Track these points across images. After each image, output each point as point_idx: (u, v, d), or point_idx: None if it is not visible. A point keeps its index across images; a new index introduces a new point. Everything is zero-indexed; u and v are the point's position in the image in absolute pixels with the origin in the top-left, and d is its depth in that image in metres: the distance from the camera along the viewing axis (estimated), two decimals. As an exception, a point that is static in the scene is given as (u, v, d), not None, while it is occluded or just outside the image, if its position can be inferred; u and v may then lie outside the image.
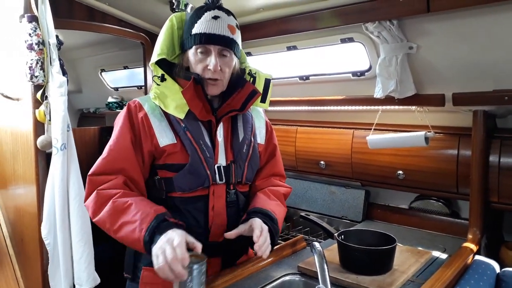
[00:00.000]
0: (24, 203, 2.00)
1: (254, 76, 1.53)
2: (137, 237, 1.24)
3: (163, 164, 1.43)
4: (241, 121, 1.56)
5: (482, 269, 1.61)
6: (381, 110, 2.11)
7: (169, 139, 1.41)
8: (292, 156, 2.66)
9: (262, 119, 1.70)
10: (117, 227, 1.29)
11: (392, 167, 2.21)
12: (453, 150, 2.01)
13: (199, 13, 1.42)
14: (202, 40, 1.38)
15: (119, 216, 1.29)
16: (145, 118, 1.42)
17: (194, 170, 1.40)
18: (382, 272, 1.51)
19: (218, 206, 1.46)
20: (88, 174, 1.39)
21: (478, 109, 1.86)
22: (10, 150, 2.08)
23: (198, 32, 1.39)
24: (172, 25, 1.49)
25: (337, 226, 2.44)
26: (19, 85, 1.89)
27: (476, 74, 1.71)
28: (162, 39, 1.47)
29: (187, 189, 1.42)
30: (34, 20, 1.69)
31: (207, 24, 1.39)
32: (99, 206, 1.33)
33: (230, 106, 1.49)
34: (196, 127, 1.44)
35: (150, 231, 1.22)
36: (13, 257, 2.16)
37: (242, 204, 1.54)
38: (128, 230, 1.27)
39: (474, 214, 1.90)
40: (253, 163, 1.56)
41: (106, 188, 1.34)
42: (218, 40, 1.39)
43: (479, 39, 1.59)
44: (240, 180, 1.51)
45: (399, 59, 1.77)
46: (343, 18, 1.79)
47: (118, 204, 1.30)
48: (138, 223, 1.25)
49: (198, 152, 1.41)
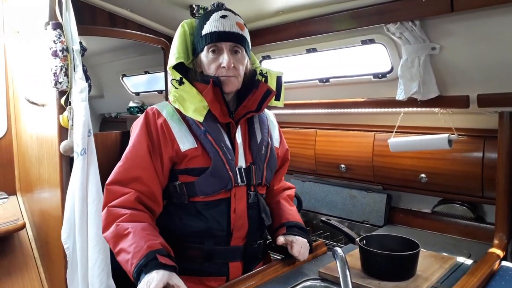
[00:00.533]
0: (49, 207, 2.04)
1: (266, 75, 1.54)
2: (129, 270, 1.27)
3: (184, 168, 1.44)
4: (258, 122, 1.59)
5: (509, 275, 1.56)
6: (403, 112, 2.08)
7: (190, 143, 1.43)
8: (311, 159, 2.64)
9: (274, 124, 1.73)
10: (117, 251, 1.33)
11: (414, 170, 2.17)
12: (478, 152, 1.96)
13: (207, 15, 1.46)
14: (213, 39, 1.41)
15: (119, 241, 1.32)
16: (164, 124, 1.44)
17: (217, 173, 1.42)
18: (405, 278, 1.48)
19: (239, 208, 1.47)
20: (106, 184, 1.43)
21: (504, 110, 1.81)
22: (36, 155, 2.13)
23: (209, 31, 1.42)
24: (184, 31, 1.52)
25: (358, 230, 2.41)
26: (44, 91, 1.93)
27: (502, 74, 1.67)
28: (177, 44, 1.50)
29: (210, 192, 1.43)
30: (58, 27, 1.72)
31: (216, 23, 1.42)
32: (106, 224, 1.37)
33: (246, 108, 1.51)
34: (216, 129, 1.45)
35: (137, 268, 1.24)
36: (38, 260, 2.21)
37: (262, 205, 1.55)
38: (123, 258, 1.30)
39: (500, 219, 1.85)
40: (271, 164, 1.58)
41: (116, 205, 1.37)
42: (228, 37, 1.41)
43: (504, 39, 1.55)
44: (260, 182, 1.53)
45: (422, 60, 1.74)
46: (364, 20, 1.77)
47: (119, 229, 1.33)
48: (131, 256, 1.27)
49: (220, 154, 1.42)
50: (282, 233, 1.60)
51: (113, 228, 1.34)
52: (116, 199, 1.39)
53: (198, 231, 1.46)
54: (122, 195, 1.39)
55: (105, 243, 1.80)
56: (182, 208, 1.46)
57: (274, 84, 1.55)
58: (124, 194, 1.39)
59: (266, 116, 1.67)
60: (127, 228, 1.32)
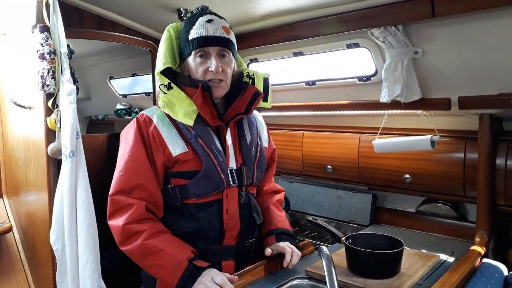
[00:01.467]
0: (36, 209, 2.03)
1: (253, 77, 1.56)
2: (170, 282, 1.35)
3: (176, 172, 1.46)
4: (247, 124, 1.60)
5: (489, 272, 1.61)
6: (387, 115, 2.12)
7: (181, 148, 1.44)
8: (299, 160, 2.67)
9: (262, 125, 1.75)
10: (147, 265, 1.40)
11: (399, 171, 2.22)
12: (460, 153, 2.02)
13: (192, 20, 1.46)
14: (201, 43, 1.42)
15: (150, 257, 1.38)
16: (155, 131, 1.45)
17: (209, 175, 1.44)
18: (389, 276, 1.52)
19: (231, 209, 1.49)
20: (109, 195, 1.44)
21: (484, 112, 1.87)
22: (22, 157, 2.12)
23: (195, 36, 1.43)
24: (170, 35, 1.52)
25: (345, 230, 2.44)
26: (31, 93, 1.92)
27: (482, 77, 1.72)
28: (163, 49, 1.50)
29: (202, 194, 1.45)
30: (46, 30, 1.72)
31: (203, 28, 1.43)
32: (125, 239, 1.40)
33: (235, 110, 1.53)
34: (206, 133, 1.47)
35: (183, 279, 1.33)
36: (25, 262, 2.19)
37: (253, 205, 1.57)
38: (159, 272, 1.38)
39: (481, 217, 1.90)
40: (261, 164, 1.61)
41: (130, 221, 1.40)
42: (215, 41, 1.43)
43: (484, 43, 1.60)
44: (251, 182, 1.56)
45: (405, 64, 1.78)
46: (349, 24, 1.81)
47: (148, 248, 1.37)
48: (171, 270, 1.34)
49: (212, 157, 1.44)
50: (271, 242, 1.62)
51: (139, 246, 1.38)
52: (121, 209, 1.42)
53: (191, 231, 1.48)
54: (129, 207, 1.41)
55: (95, 245, 1.80)
56: (175, 210, 1.47)
57: (261, 85, 1.58)
58: (130, 205, 1.41)
59: (255, 117, 1.69)
60: (156, 245, 1.38)
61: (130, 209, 1.40)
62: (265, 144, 1.70)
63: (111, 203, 1.44)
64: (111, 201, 1.44)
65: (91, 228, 1.78)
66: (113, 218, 1.44)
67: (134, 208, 1.40)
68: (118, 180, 1.44)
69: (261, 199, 1.73)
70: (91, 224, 1.78)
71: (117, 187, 1.44)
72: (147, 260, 1.38)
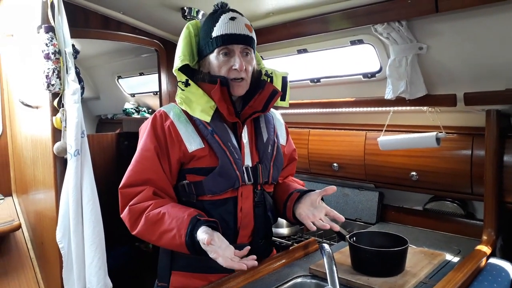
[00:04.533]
0: (44, 207, 2.06)
1: (271, 76, 1.55)
2: (179, 243, 1.32)
3: (191, 168, 1.46)
4: (264, 122, 1.59)
5: (496, 271, 1.59)
6: (392, 111, 2.11)
7: (197, 144, 1.44)
8: (305, 158, 2.66)
9: (281, 122, 1.74)
10: (157, 237, 1.37)
11: (405, 169, 2.19)
12: (467, 150, 1.99)
13: (215, 17, 1.45)
14: (225, 41, 1.41)
15: (156, 227, 1.36)
16: (171, 126, 1.45)
17: (224, 172, 1.43)
18: (393, 274, 1.50)
19: (246, 207, 1.49)
20: (119, 188, 1.44)
21: (491, 108, 1.84)
22: (30, 156, 2.15)
23: (219, 34, 1.41)
24: (189, 33, 1.51)
25: (351, 228, 2.43)
26: (37, 93, 1.95)
27: (488, 73, 1.70)
28: (182, 46, 1.50)
29: (218, 191, 1.44)
30: (51, 31, 1.74)
31: (227, 25, 1.42)
32: (134, 221, 1.40)
33: (253, 108, 1.51)
34: (223, 129, 1.47)
35: (189, 235, 1.30)
36: (34, 260, 2.23)
37: (269, 204, 1.57)
38: (168, 238, 1.34)
39: (488, 215, 1.88)
40: (278, 163, 1.59)
41: (137, 202, 1.40)
42: (240, 40, 1.42)
43: (489, 38, 1.58)
44: (267, 180, 1.55)
45: (409, 60, 1.77)
46: (352, 20, 1.80)
47: (151, 217, 1.36)
48: (176, 230, 1.32)
49: (227, 154, 1.44)
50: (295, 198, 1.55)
51: (143, 221, 1.37)
52: (132, 199, 1.42)
53: None
54: (138, 194, 1.41)
55: (101, 242, 1.82)
56: (191, 206, 1.47)
57: (280, 84, 1.57)
58: (140, 193, 1.42)
59: (272, 115, 1.68)
60: (159, 212, 1.37)
61: (139, 194, 1.41)
62: (282, 142, 1.68)
63: (120, 196, 1.44)
64: (120, 194, 1.44)
65: (97, 225, 1.80)
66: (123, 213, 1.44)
67: (143, 192, 1.41)
68: (128, 174, 1.45)
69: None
70: (97, 222, 1.80)
71: (127, 180, 1.44)
72: (156, 230, 1.36)
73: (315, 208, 1.49)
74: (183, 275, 1.50)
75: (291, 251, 1.76)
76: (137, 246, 3.07)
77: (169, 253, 1.53)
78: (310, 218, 1.45)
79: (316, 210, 1.47)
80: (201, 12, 2.04)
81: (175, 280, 1.51)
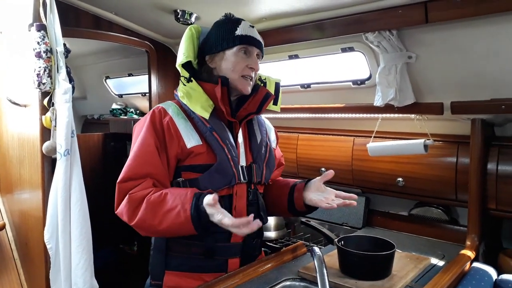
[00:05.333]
0: (29, 207, 2.03)
1: (265, 81, 1.63)
2: (184, 218, 1.30)
3: (188, 165, 1.47)
4: (257, 124, 1.66)
5: (479, 275, 1.62)
6: (381, 118, 2.14)
7: (196, 141, 1.47)
8: (293, 162, 2.68)
9: (270, 127, 1.80)
10: (159, 219, 1.34)
11: (392, 175, 2.23)
12: (452, 157, 2.04)
13: (233, 20, 1.55)
14: (248, 42, 1.50)
15: (158, 209, 1.34)
16: (170, 122, 1.47)
17: (222, 169, 1.46)
18: (381, 278, 1.53)
19: (239, 206, 1.52)
20: (117, 182, 1.42)
21: (476, 117, 1.89)
22: (16, 155, 2.11)
23: (244, 34, 1.50)
24: (192, 34, 1.57)
25: (338, 232, 2.45)
26: (27, 92, 1.92)
27: (474, 83, 1.74)
28: (185, 45, 1.55)
29: (214, 188, 1.45)
30: (42, 29, 1.73)
31: (248, 29, 1.52)
32: (133, 209, 1.37)
33: (247, 110, 1.57)
34: (221, 127, 1.51)
35: (194, 207, 1.29)
36: (18, 261, 2.18)
37: (261, 204, 1.60)
38: (172, 216, 1.32)
39: (472, 221, 1.92)
40: (270, 164, 1.64)
41: (137, 190, 1.39)
42: (258, 44, 1.53)
43: (477, 50, 1.62)
44: (260, 180, 1.59)
45: (399, 68, 1.80)
46: (344, 28, 1.83)
47: (154, 200, 1.35)
48: (180, 205, 1.31)
49: (226, 151, 1.47)
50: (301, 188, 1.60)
51: (145, 205, 1.35)
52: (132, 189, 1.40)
53: None
54: (137, 185, 1.40)
55: (88, 244, 1.81)
56: None
57: (273, 89, 1.65)
58: (139, 185, 1.40)
59: (263, 119, 1.76)
60: (160, 194, 1.36)
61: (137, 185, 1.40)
62: (273, 145, 1.75)
63: (118, 190, 1.41)
64: (118, 188, 1.42)
65: (84, 227, 1.78)
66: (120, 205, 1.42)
67: (143, 183, 1.40)
68: (128, 168, 1.43)
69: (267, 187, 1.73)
70: (84, 223, 1.79)
71: (126, 174, 1.42)
72: (158, 212, 1.34)
73: (323, 193, 1.55)
74: (176, 275, 1.51)
75: (279, 254, 1.77)
76: (121, 248, 3.04)
77: (163, 251, 1.53)
78: (324, 200, 1.50)
79: (326, 194, 1.54)
80: (194, 15, 2.04)
81: (169, 279, 1.51)
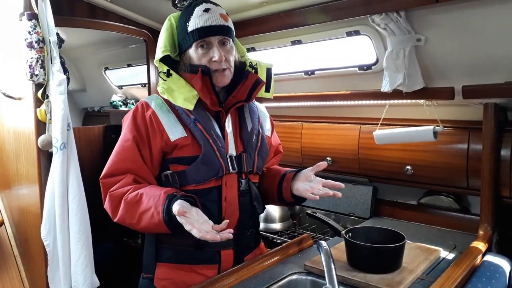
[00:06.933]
0: (28, 203, 2.00)
1: (255, 67, 1.56)
2: (157, 221, 1.30)
3: (174, 158, 1.46)
4: (248, 112, 1.61)
5: (494, 266, 1.57)
6: (388, 105, 2.07)
7: (180, 133, 1.45)
8: (298, 152, 2.62)
9: (265, 115, 1.74)
10: (137, 219, 1.36)
11: (400, 163, 2.17)
12: (463, 144, 1.97)
13: (189, 10, 1.46)
14: (201, 34, 1.42)
15: (135, 209, 1.36)
16: (153, 116, 1.46)
17: (208, 160, 1.44)
18: (390, 270, 1.48)
19: (230, 196, 1.49)
20: (100, 178, 1.45)
21: (489, 101, 1.81)
22: (13, 149, 2.08)
23: (195, 28, 1.43)
24: (171, 24, 1.53)
25: (345, 223, 2.41)
26: (20, 84, 1.88)
27: (487, 66, 1.67)
28: (164, 37, 1.51)
29: (201, 180, 1.44)
30: (34, 18, 1.67)
31: (201, 18, 1.42)
32: (114, 207, 1.40)
33: (236, 98, 1.53)
34: (206, 118, 1.47)
35: (166, 211, 1.28)
36: (18, 257, 2.16)
37: (254, 193, 1.57)
38: (147, 218, 1.33)
39: (485, 210, 1.86)
40: (262, 152, 1.60)
41: (116, 188, 1.41)
42: (215, 31, 1.43)
43: (489, 30, 1.54)
44: (252, 169, 1.55)
45: (407, 52, 1.73)
46: (349, 10, 1.76)
47: (130, 200, 1.36)
48: (154, 208, 1.31)
49: (210, 142, 1.44)
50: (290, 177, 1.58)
51: (123, 204, 1.37)
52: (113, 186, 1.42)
53: None
54: (118, 182, 1.42)
55: (88, 239, 1.78)
56: None
57: (264, 75, 1.57)
58: (120, 181, 1.42)
59: (257, 107, 1.69)
60: (136, 194, 1.36)
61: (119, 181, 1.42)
62: (267, 133, 1.69)
63: (102, 187, 1.45)
64: (102, 184, 1.45)
65: (83, 222, 1.75)
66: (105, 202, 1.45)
67: (123, 180, 1.42)
68: (108, 165, 1.46)
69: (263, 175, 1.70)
70: (83, 218, 1.75)
71: (107, 171, 1.45)
72: (135, 212, 1.35)
73: (310, 182, 1.55)
74: (168, 267, 1.49)
75: (285, 247, 1.73)
76: (125, 241, 3.01)
77: (153, 244, 1.52)
78: (309, 190, 1.51)
79: (313, 183, 1.54)
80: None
81: (160, 271, 1.50)
